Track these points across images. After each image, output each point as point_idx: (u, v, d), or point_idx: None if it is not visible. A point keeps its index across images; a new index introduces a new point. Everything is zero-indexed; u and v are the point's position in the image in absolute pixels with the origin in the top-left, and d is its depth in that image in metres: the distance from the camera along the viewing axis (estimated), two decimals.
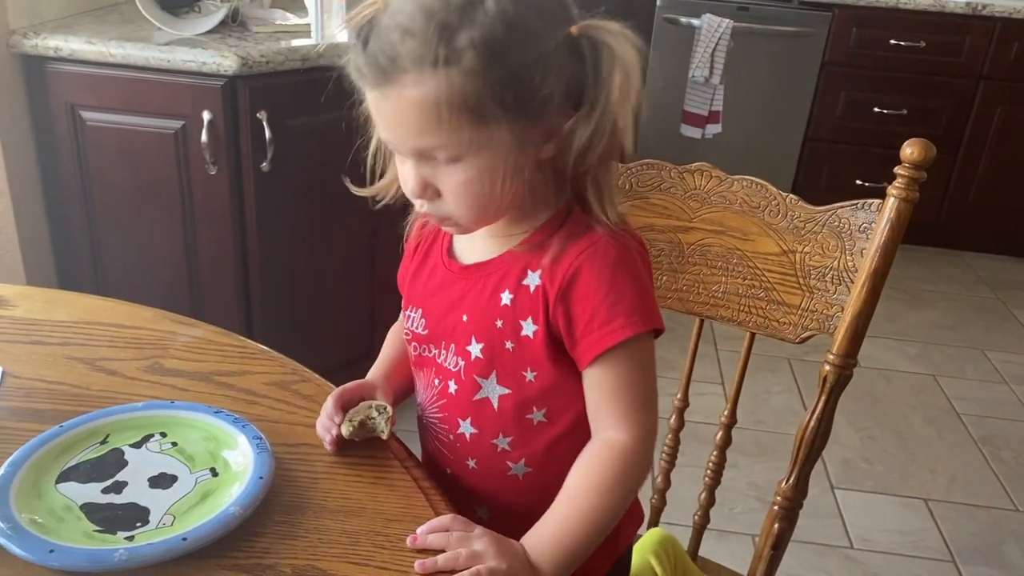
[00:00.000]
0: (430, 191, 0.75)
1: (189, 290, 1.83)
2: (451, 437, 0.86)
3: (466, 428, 0.84)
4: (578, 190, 0.79)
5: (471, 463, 0.86)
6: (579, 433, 0.81)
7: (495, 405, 0.82)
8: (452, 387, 0.84)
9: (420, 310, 0.87)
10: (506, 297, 0.79)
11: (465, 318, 0.82)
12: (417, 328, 0.87)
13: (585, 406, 0.81)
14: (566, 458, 0.79)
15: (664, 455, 1.17)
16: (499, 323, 0.80)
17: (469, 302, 0.82)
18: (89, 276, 1.87)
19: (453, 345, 0.83)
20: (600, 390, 0.78)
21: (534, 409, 0.82)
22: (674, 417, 1.15)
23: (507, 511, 0.86)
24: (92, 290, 1.85)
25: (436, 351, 0.86)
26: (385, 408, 0.84)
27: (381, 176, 0.85)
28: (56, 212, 1.84)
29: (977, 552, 1.91)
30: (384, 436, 0.83)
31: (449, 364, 0.84)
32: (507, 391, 0.81)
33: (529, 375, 0.80)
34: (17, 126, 1.74)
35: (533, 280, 0.78)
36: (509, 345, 0.80)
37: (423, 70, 0.67)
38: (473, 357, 0.82)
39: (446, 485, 0.86)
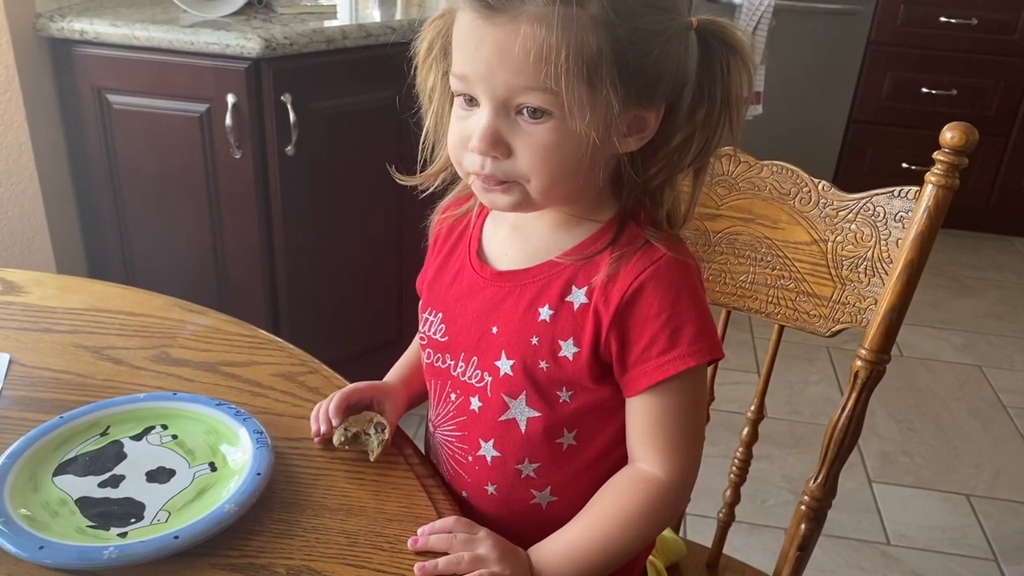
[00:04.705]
0: (501, 148, 0.66)
1: (215, 274, 1.83)
2: (469, 459, 0.80)
3: (488, 450, 0.78)
4: (641, 200, 0.72)
5: (490, 489, 0.79)
6: (608, 461, 0.77)
7: (522, 428, 0.76)
8: (475, 404, 0.78)
9: (440, 314, 0.80)
10: (545, 312, 0.73)
11: (495, 330, 0.75)
12: (435, 334, 0.80)
13: (616, 428, 0.75)
14: (593, 490, 0.75)
15: None
16: (534, 340, 0.73)
17: (502, 313, 0.75)
18: (117, 259, 1.87)
19: (476, 358, 0.77)
20: (645, 422, 0.73)
21: (564, 432, 0.75)
22: None
23: (527, 544, 0.76)
24: (120, 273, 1.86)
25: (453, 362, 0.79)
26: (384, 428, 0.80)
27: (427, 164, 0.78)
28: (84, 196, 1.84)
29: (1021, 551, 1.83)
30: (371, 458, 0.78)
31: (471, 378, 0.77)
32: (537, 414, 0.75)
33: (564, 395, 0.74)
34: (45, 110, 1.74)
35: (578, 297, 0.72)
36: (544, 365, 0.73)
37: (550, 4, 0.61)
38: (502, 374, 0.75)
39: (460, 512, 0.78)
